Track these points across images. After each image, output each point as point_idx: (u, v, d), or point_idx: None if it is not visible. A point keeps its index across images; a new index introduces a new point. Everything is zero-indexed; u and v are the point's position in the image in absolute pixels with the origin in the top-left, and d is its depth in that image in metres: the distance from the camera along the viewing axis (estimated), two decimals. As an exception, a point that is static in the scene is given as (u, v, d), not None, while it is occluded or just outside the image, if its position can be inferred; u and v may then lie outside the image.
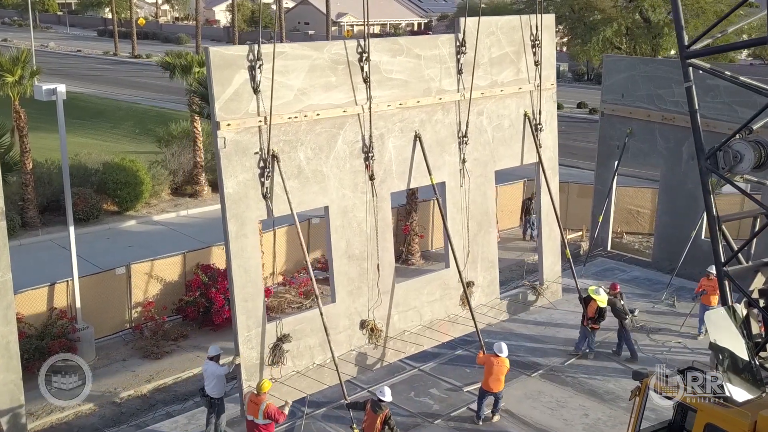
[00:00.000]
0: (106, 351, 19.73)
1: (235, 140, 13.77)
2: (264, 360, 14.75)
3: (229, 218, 13.82)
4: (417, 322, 17.15)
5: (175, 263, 21.38)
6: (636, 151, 25.67)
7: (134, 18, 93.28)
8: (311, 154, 14.98)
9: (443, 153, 17.25)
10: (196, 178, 32.77)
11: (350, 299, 15.94)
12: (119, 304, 20.53)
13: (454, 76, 17.10)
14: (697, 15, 49.58)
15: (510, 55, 18.37)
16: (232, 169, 13.82)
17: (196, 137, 32.25)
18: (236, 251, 14.04)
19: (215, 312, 20.63)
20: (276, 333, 14.84)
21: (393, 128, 16.23)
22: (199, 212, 31.64)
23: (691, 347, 19.81)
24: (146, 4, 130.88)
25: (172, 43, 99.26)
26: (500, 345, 16.07)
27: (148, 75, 72.33)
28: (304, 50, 14.73)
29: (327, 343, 15.12)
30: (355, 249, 15.83)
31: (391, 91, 16.02)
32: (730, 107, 23.08)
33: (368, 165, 15.74)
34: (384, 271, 16.30)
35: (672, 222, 24.90)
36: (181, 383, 18.70)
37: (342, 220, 15.58)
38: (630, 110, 25.52)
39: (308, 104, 14.73)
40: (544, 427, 16.10)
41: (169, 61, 31.90)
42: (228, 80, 13.56)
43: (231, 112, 13.65)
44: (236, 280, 14.11)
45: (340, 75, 15.18)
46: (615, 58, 30.42)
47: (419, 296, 17.27)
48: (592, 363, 18.92)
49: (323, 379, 15.53)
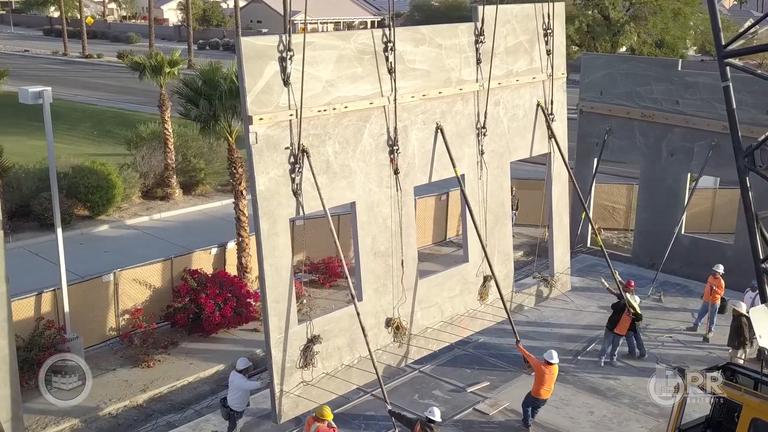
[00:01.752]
0: (95, 360, 19.02)
1: (267, 135, 13.22)
2: (295, 362, 14.26)
3: (261, 216, 13.28)
4: (438, 318, 16.78)
5: (161, 269, 20.77)
6: (615, 148, 25.88)
7: (84, 17, 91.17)
8: (339, 149, 14.46)
9: (462, 145, 16.87)
10: (167, 180, 31.99)
11: (376, 297, 15.50)
12: (106, 312, 19.91)
13: (473, 65, 16.76)
14: (655, 13, 50.52)
15: (524, 44, 18.13)
16: (264, 165, 13.26)
17: (167, 139, 31.48)
18: (268, 250, 13.47)
19: (206, 318, 20.17)
20: (306, 334, 14.36)
21: (416, 120, 15.80)
22: (173, 215, 30.89)
23: (682, 341, 20.09)
24: (92, 3, 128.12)
25: (121, 43, 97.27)
26: (551, 353, 15.68)
27: (102, 75, 70.86)
28: (331, 40, 14.24)
29: (355, 343, 14.84)
30: (380, 245, 15.37)
31: (414, 81, 15.59)
32: (710, 104, 23.42)
33: (393, 158, 15.31)
34: (407, 267, 15.90)
35: (652, 218, 25.17)
36: (176, 392, 18.18)
37: (368, 216, 15.13)
38: (609, 108, 25.70)
39: (336, 96, 14.22)
40: (552, 425, 16.10)
41: (138, 62, 31.05)
42: (259, 72, 12.99)
43: (262, 105, 13.09)
44: (268, 281, 13.52)
45: (366, 65, 14.69)
46: (593, 56, 30.65)
47: (441, 292, 16.92)
48: (590, 360, 19.02)
49: (352, 379, 15.19)
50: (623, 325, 18.33)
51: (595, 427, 16.11)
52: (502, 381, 17.82)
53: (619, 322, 18.34)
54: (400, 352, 16.11)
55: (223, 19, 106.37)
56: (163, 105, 31.26)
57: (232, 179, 21.77)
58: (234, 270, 22.11)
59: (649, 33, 48.72)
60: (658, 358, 18.88)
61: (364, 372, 15.01)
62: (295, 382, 14.23)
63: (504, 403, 16.85)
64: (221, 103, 20.19)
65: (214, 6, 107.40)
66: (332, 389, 14.72)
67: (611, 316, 18.58)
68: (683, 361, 18.84)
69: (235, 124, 21.31)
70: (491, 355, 19.01)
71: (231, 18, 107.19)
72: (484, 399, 17.03)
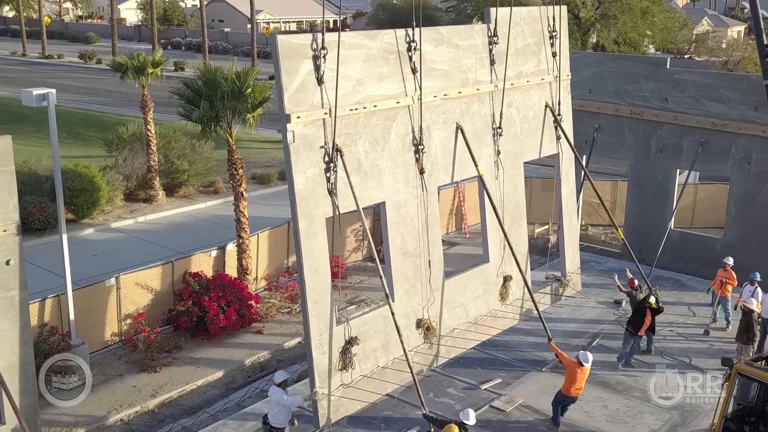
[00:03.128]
0: (100, 366, 18.73)
1: (303, 134, 13.23)
2: (335, 365, 14.17)
3: (300, 215, 13.26)
4: (464, 319, 16.84)
5: (163, 272, 20.55)
6: (605, 146, 26.20)
7: (43, 17, 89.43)
8: (369, 148, 14.48)
9: (480, 145, 16.98)
10: (150, 182, 31.54)
11: (407, 298, 15.46)
12: (109, 317, 19.59)
13: (487, 66, 16.95)
14: (623, 12, 51.23)
15: (532, 45, 18.34)
16: (301, 164, 13.26)
17: (150, 140, 31.07)
18: (307, 250, 13.42)
19: (210, 321, 19.97)
20: (344, 336, 14.27)
21: (437, 120, 15.89)
22: (158, 218, 30.48)
23: (683, 334, 20.44)
24: (48, 2, 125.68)
25: (80, 43, 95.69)
26: (586, 354, 15.75)
27: (65, 76, 69.53)
28: (360, 39, 14.28)
29: (389, 344, 14.88)
30: (409, 246, 15.38)
31: (435, 81, 15.68)
32: (698, 101, 23.89)
33: (418, 158, 15.38)
34: (434, 268, 15.93)
35: (641, 214, 25.57)
36: (186, 396, 17.99)
37: (397, 216, 15.15)
38: (598, 105, 26.01)
39: (365, 95, 14.27)
40: (569, 420, 16.25)
41: (121, 62, 30.57)
42: (295, 70, 12.99)
43: (298, 104, 13.09)
44: (308, 282, 13.43)
45: (391, 65, 14.76)
46: (581, 55, 30.99)
47: (465, 293, 17.00)
48: (596, 354, 19.19)
49: (386, 381, 15.20)
50: (646, 326, 18.30)
51: (610, 421, 16.33)
52: (513, 378, 17.95)
53: (642, 324, 18.27)
54: (430, 353, 16.15)
55: (184, 19, 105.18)
56: (145, 106, 30.80)
57: (233, 180, 21.59)
58: (234, 272, 21.93)
59: (619, 31, 49.43)
60: (663, 351, 19.20)
61: (398, 373, 15.02)
62: (335, 384, 14.16)
63: (519, 399, 16.98)
64: (222, 104, 20.01)
65: (174, 5, 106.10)
66: (371, 389, 14.72)
67: (633, 319, 18.49)
68: (686, 354, 19.24)
69: (235, 125, 21.17)
70: (499, 352, 19.14)
71: (192, 17, 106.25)
72: (498, 396, 17.13)
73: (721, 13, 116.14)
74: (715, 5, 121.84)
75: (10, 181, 13.55)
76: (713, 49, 66.22)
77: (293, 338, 20.60)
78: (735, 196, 23.84)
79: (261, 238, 22.99)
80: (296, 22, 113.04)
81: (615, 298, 22.16)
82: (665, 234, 23.75)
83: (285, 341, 20.47)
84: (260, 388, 18.13)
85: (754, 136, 23.00)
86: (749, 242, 23.41)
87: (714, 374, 17.70)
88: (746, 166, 23.32)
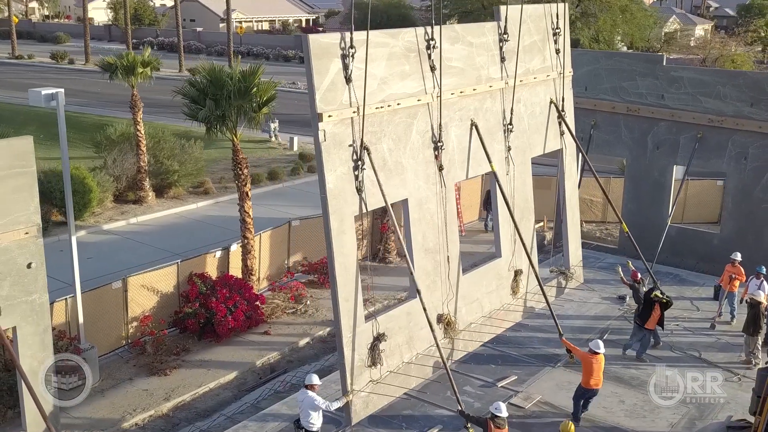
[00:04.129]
0: (108, 370, 18.46)
1: (333, 132, 13.35)
2: (364, 361, 14.29)
3: (331, 214, 13.35)
4: (479, 313, 17.06)
5: (169, 274, 20.28)
6: (601, 143, 26.37)
7: (11, 16, 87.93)
8: (392, 146, 14.64)
9: (492, 141, 17.21)
10: (140, 183, 31.08)
11: (428, 294, 15.52)
12: (115, 320, 19.32)
13: (498, 63, 17.24)
14: (603, 10, 51.71)
15: (537, 43, 18.65)
16: (332, 162, 13.36)
17: (140, 141, 30.65)
18: (338, 248, 13.52)
19: (218, 323, 19.75)
20: (372, 332, 14.37)
21: (454, 117, 16.10)
22: (149, 219, 30.10)
23: (689, 328, 20.63)
24: (14, 2, 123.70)
25: (49, 43, 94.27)
26: (597, 343, 15.90)
27: (37, 76, 68.26)
28: (384, 38, 14.40)
29: (412, 340, 15.09)
30: (429, 242, 15.58)
31: (451, 79, 15.90)
32: (695, 98, 24.14)
33: (437, 155, 15.55)
34: (452, 263, 16.10)
35: (638, 210, 25.78)
36: (199, 399, 17.77)
37: (419, 212, 15.31)
38: (594, 103, 26.18)
39: (389, 93, 14.43)
40: (588, 416, 16.32)
41: (110, 62, 30.10)
42: (325, 69, 13.09)
43: (328, 103, 13.23)
44: (339, 279, 13.54)
45: (412, 63, 14.94)
46: (578, 52, 31.02)
47: (480, 288, 17.17)
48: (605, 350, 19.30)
49: (410, 377, 15.39)
50: (654, 319, 18.43)
51: (629, 416, 16.42)
52: (528, 375, 17.98)
53: (650, 317, 18.39)
54: (448, 348, 16.25)
55: (155, 18, 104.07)
56: (135, 106, 30.39)
57: (238, 180, 21.37)
58: (238, 272, 21.72)
59: (599, 29, 49.86)
60: (672, 346, 19.37)
61: (421, 368, 15.20)
62: (365, 381, 14.21)
63: (536, 396, 17.02)
64: (228, 103, 19.79)
65: (144, 4, 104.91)
66: (397, 384, 14.81)
67: (642, 312, 18.64)
68: (695, 348, 19.42)
69: (239, 125, 20.97)
70: (511, 349, 19.17)
71: (164, 17, 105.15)
72: (515, 393, 17.15)
73: (688, 11, 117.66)
74: (681, 4, 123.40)
75: (31, 182, 13.27)
76: (684, 46, 67.08)
77: (301, 338, 20.49)
78: (731, 191, 24.13)
79: (263, 239, 22.80)
80: (269, 21, 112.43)
81: (618, 294, 22.32)
82: (665, 230, 23.96)
83: (293, 342, 20.33)
84: (274, 389, 17.98)
85: (751, 132, 23.30)
86: (746, 236, 23.71)
87: (714, 374, 17.87)
88: (743, 162, 23.62)
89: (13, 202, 12.97)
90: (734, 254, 20.81)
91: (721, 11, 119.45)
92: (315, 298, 22.89)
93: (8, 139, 13.19)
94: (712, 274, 23.84)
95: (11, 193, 12.94)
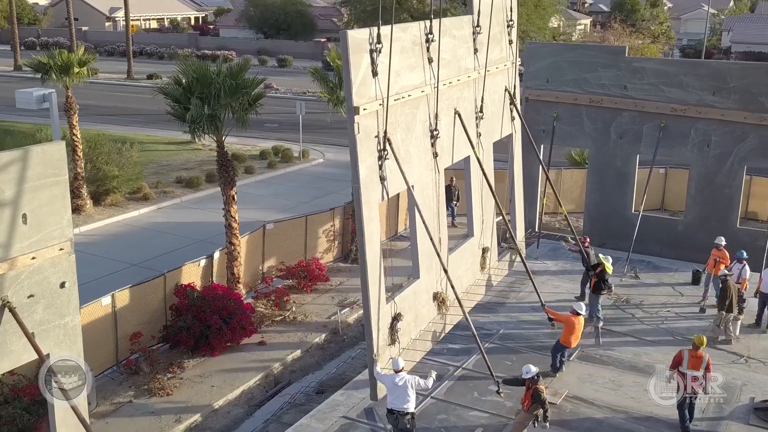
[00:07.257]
0: (103, 393, 17.00)
1: (365, 125, 13.85)
2: (386, 340, 15.09)
3: (363, 204, 13.93)
4: (461, 289, 17.69)
5: (156, 286, 18.95)
6: (563, 134, 26.51)
7: None
8: (404, 136, 15.29)
9: (468, 128, 18.12)
10: (77, 191, 28.93)
11: (427, 275, 16.54)
12: (105, 338, 17.87)
13: (472, 54, 18.30)
14: (520, 4, 52.45)
15: (497, 34, 19.71)
16: (363, 154, 13.91)
17: (76, 146, 28.64)
18: (368, 236, 14.18)
19: (214, 335, 18.58)
20: (390, 313, 15.19)
21: (443, 106, 16.81)
22: (92, 229, 28.12)
23: (681, 314, 21.00)
24: None
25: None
26: (580, 305, 17.31)
27: None
28: (397, 33, 14.71)
29: (417, 318, 16.12)
30: (429, 225, 16.14)
31: (443, 70, 16.54)
32: (657, 88, 24.62)
33: (433, 143, 16.45)
34: (443, 245, 17.08)
35: (602, 199, 26.14)
36: (211, 418, 16.70)
37: (421, 198, 16.03)
38: (556, 95, 26.28)
39: (401, 86, 14.96)
40: (620, 407, 16.17)
41: (43, 61, 27.89)
42: (359, 64, 13.49)
43: (362, 96, 13.67)
44: (369, 266, 14.18)
45: (416, 56, 15.52)
46: (537, 45, 31.18)
47: (461, 265, 18.30)
48: (608, 339, 19.37)
49: (417, 352, 16.30)
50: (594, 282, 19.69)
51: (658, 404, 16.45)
52: (546, 369, 17.78)
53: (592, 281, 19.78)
54: (441, 322, 17.35)
55: (35, 17, 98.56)
56: (70, 109, 28.31)
57: (223, 183, 20.17)
58: (223, 281, 20.59)
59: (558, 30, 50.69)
60: (671, 332, 19.66)
61: (423, 342, 16.46)
62: (386, 359, 14.89)
63: (564, 390, 16.86)
64: (218, 102, 18.61)
65: (22, 3, 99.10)
66: (408, 359, 15.51)
67: (592, 279, 19.85)
68: (691, 332, 19.71)
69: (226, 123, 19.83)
70: (519, 345, 18.95)
71: (45, 16, 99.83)
72: (546, 387, 16.90)
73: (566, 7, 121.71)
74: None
75: (64, 192, 11.92)
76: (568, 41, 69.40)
77: (297, 348, 19.63)
78: (695, 178, 24.72)
79: (240, 243, 21.68)
80: (157, 19, 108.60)
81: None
82: (638, 219, 24.34)
83: (290, 352, 19.46)
84: (292, 402, 17.10)
85: (713, 119, 23.94)
86: (709, 222, 24.39)
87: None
88: (705, 149, 24.26)
89: (47, 215, 11.63)
90: (718, 239, 21.34)
91: (595, 7, 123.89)
92: (299, 303, 22.01)
93: (41, 145, 11.79)
94: (678, 259, 24.50)
95: (45, 205, 11.59)
